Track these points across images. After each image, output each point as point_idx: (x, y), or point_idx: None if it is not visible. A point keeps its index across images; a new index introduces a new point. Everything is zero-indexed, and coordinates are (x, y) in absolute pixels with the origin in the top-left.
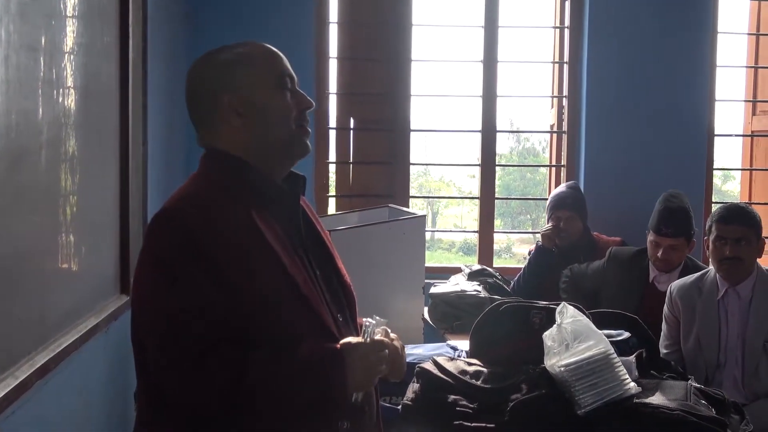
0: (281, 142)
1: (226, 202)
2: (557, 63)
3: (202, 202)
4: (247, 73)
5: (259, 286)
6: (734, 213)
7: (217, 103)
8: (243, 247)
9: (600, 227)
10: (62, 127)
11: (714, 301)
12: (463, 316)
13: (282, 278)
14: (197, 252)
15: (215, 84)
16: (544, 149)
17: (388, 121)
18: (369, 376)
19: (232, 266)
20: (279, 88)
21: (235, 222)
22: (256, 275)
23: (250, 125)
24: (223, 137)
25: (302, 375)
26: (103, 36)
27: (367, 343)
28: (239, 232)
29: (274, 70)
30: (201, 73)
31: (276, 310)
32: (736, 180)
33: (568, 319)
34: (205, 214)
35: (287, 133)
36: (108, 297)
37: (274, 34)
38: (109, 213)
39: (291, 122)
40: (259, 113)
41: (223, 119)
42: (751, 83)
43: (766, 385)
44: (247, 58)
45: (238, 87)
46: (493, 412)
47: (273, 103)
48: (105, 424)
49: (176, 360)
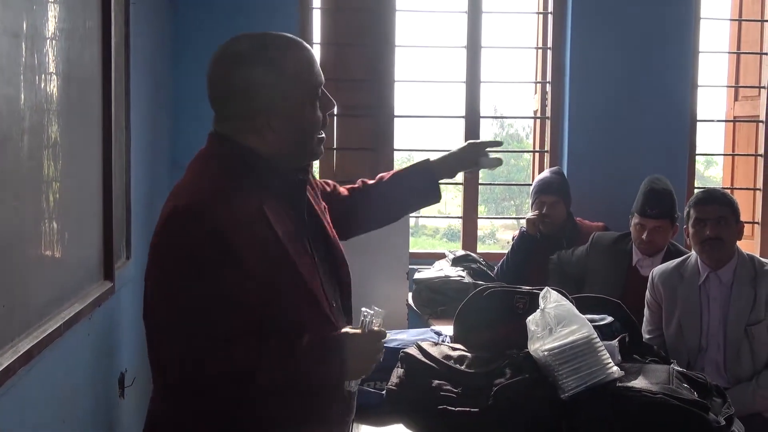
0: (304, 152)
1: (240, 194)
2: (541, 49)
3: (224, 197)
4: (286, 91)
5: (271, 278)
6: (711, 194)
7: (252, 116)
8: (256, 240)
9: (583, 213)
10: (44, 113)
11: (695, 286)
12: (447, 302)
13: (290, 270)
14: (219, 243)
15: (251, 95)
16: (527, 135)
17: (372, 107)
18: (365, 366)
19: (247, 259)
20: (313, 100)
21: (249, 215)
22: (267, 267)
23: (282, 139)
24: (247, 138)
25: (306, 364)
26: (86, 21)
27: (365, 333)
28: (253, 226)
29: (313, 83)
30: (238, 74)
31: (287, 301)
32: (718, 165)
33: (552, 303)
34: (228, 209)
35: (311, 144)
36: (92, 283)
37: (258, 20)
38: (92, 199)
39: (317, 133)
40: (292, 129)
41: (255, 130)
42: (733, 69)
43: (747, 369)
44: (287, 72)
45: (276, 104)
46: (476, 397)
47: (307, 119)
48: (90, 409)
49: (196, 348)
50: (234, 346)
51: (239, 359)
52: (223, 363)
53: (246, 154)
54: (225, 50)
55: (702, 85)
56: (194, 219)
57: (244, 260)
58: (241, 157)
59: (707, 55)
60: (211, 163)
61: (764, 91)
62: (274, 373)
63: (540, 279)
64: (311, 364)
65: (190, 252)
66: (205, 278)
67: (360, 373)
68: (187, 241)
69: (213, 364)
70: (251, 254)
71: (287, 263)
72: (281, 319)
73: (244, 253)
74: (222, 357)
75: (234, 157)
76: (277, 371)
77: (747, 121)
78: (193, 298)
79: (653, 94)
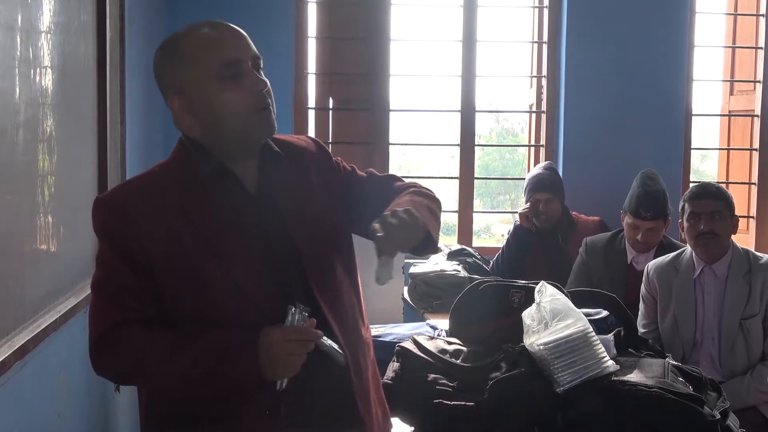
0: (237, 132)
1: (160, 190)
2: (536, 43)
3: (132, 191)
4: (189, 73)
5: (184, 271)
6: (705, 189)
7: (169, 102)
8: (167, 235)
9: (578, 206)
10: (39, 107)
11: (690, 279)
12: (442, 296)
13: (211, 262)
14: (115, 240)
15: (164, 84)
16: (523, 129)
17: (367, 101)
18: (284, 365)
19: (153, 253)
20: (224, 80)
21: (163, 210)
22: (181, 261)
23: (198, 122)
24: (183, 125)
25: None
26: (80, 14)
27: (281, 329)
28: (165, 221)
29: (214, 62)
30: (155, 68)
31: (198, 295)
32: (713, 160)
33: (547, 298)
34: (129, 204)
35: (242, 124)
36: (86, 277)
37: (253, 13)
38: (87, 193)
39: (244, 111)
40: (208, 110)
41: (179, 117)
42: (728, 63)
43: (742, 363)
44: (186, 55)
45: (183, 88)
46: (472, 391)
47: (219, 99)
48: (85, 403)
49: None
50: (118, 333)
51: (123, 345)
52: (105, 349)
53: (187, 143)
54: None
55: (697, 79)
56: (95, 212)
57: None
58: (182, 149)
59: (702, 49)
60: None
61: (759, 86)
62: (166, 363)
63: (536, 273)
64: (214, 360)
65: (99, 240)
66: (100, 266)
67: (280, 373)
68: (96, 230)
69: (97, 350)
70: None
71: (209, 257)
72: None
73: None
74: (105, 343)
75: (177, 150)
76: (171, 362)
77: (742, 116)
78: (95, 282)
79: (649, 88)
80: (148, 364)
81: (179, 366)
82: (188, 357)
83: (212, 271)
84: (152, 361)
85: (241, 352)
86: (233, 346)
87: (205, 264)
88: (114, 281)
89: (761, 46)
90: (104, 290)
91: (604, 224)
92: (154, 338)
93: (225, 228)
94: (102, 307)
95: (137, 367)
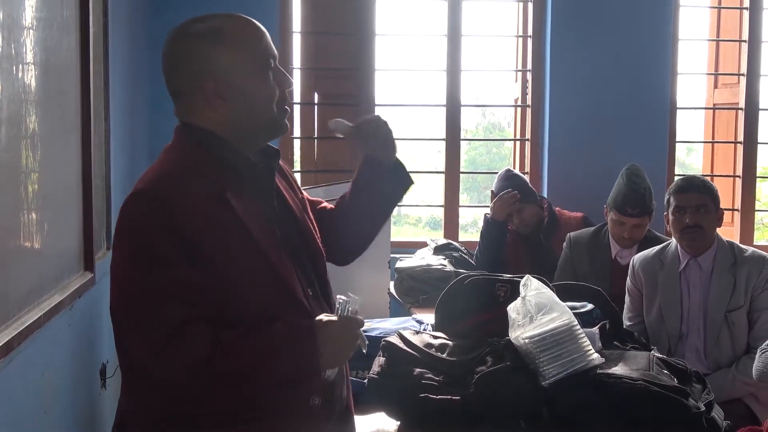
0: (262, 124)
1: (200, 179)
2: (521, 37)
3: (176, 181)
4: (233, 56)
5: (234, 264)
6: (690, 182)
7: (200, 85)
8: (217, 226)
9: (563, 201)
10: (22, 104)
11: (676, 272)
12: (428, 290)
13: (256, 255)
14: (172, 231)
15: (199, 64)
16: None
17: (353, 96)
18: (341, 354)
19: (207, 244)
20: (263, 71)
21: (209, 200)
22: (230, 253)
23: (232, 109)
24: (202, 115)
25: (274, 352)
26: (63, 10)
27: (340, 320)
28: (213, 211)
29: (260, 52)
30: (183, 48)
31: (250, 288)
32: (699, 153)
33: (532, 291)
34: (179, 192)
35: (269, 116)
36: (72, 274)
37: (238, 10)
38: (71, 189)
39: (273, 105)
40: (242, 98)
41: (206, 101)
42: (713, 56)
43: (727, 355)
44: (232, 38)
45: (223, 71)
46: (458, 385)
47: (257, 88)
48: (71, 400)
49: (149, 338)
50: (186, 334)
51: (191, 347)
52: (175, 352)
53: (206, 136)
54: (174, 29)
55: (682, 72)
56: (141, 201)
57: (198, 247)
58: (201, 142)
59: (687, 42)
60: (172, 152)
61: (743, 79)
62: (233, 360)
63: (519, 268)
64: (279, 352)
65: (140, 240)
66: (155, 267)
67: (335, 362)
68: (137, 227)
69: (165, 355)
70: (208, 241)
71: (252, 249)
72: (248, 306)
73: (198, 240)
74: (174, 346)
75: (194, 144)
76: (236, 358)
77: (726, 109)
78: (143, 287)
79: (633, 81)
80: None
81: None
82: (253, 351)
83: (257, 265)
84: (220, 357)
85: (304, 343)
86: (295, 338)
87: (250, 257)
88: (175, 277)
89: (745, 39)
90: (164, 290)
91: (587, 220)
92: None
93: (259, 220)
94: (165, 308)
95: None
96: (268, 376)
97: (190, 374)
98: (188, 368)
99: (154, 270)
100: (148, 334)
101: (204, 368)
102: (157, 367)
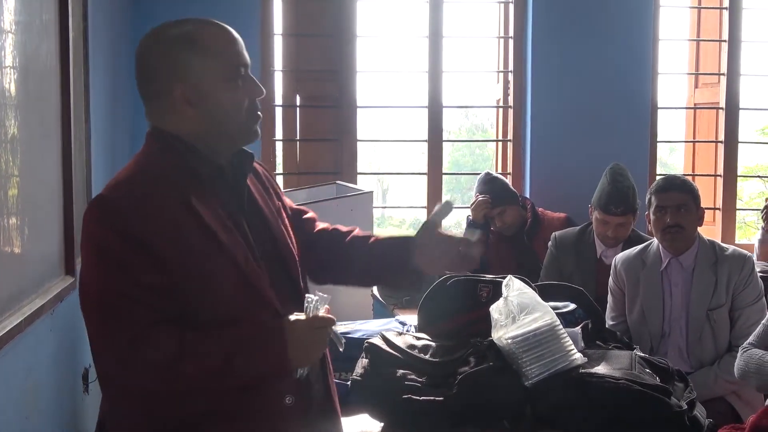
0: (231, 132)
1: (165, 185)
2: (502, 38)
3: (138, 187)
4: (203, 64)
5: (199, 268)
6: (671, 182)
7: (169, 90)
8: (180, 230)
9: (546, 201)
10: (1, 108)
11: (657, 272)
12: (411, 292)
13: (222, 259)
14: (129, 236)
15: (168, 69)
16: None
17: (335, 98)
18: (311, 352)
19: (169, 249)
20: (233, 78)
21: (172, 205)
22: (194, 257)
23: (201, 115)
24: (171, 120)
25: (241, 351)
26: (42, 14)
27: (308, 319)
28: (176, 215)
29: (231, 60)
30: (154, 52)
31: (218, 291)
32: (680, 152)
33: (515, 292)
34: (138, 198)
35: (237, 124)
36: (53, 278)
37: (219, 12)
38: (52, 193)
39: (243, 113)
40: (210, 104)
41: (174, 106)
42: (693, 56)
43: (709, 353)
44: (203, 45)
45: (192, 77)
46: (441, 386)
47: (226, 97)
48: (54, 405)
49: (112, 343)
50: (150, 337)
51: (156, 350)
52: (139, 357)
53: (173, 142)
54: (148, 33)
55: (663, 72)
56: (101, 208)
57: (159, 252)
58: (169, 147)
59: (667, 42)
60: (140, 156)
61: (724, 78)
62: (199, 361)
63: (502, 267)
64: (246, 352)
65: (100, 244)
66: (113, 272)
67: (305, 361)
68: (97, 233)
69: (129, 361)
70: (170, 245)
71: (218, 252)
72: (217, 309)
73: (159, 245)
74: (138, 351)
75: (162, 149)
76: (203, 360)
77: (707, 108)
78: (103, 293)
79: (614, 81)
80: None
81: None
82: (220, 351)
83: (223, 267)
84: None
85: (271, 342)
86: (263, 337)
87: (216, 260)
88: (135, 282)
89: (725, 39)
90: (124, 295)
91: (570, 221)
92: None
93: (225, 224)
94: (127, 313)
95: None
96: (236, 376)
97: (156, 378)
98: (154, 372)
99: (112, 275)
100: (110, 340)
101: (170, 371)
102: (123, 373)
